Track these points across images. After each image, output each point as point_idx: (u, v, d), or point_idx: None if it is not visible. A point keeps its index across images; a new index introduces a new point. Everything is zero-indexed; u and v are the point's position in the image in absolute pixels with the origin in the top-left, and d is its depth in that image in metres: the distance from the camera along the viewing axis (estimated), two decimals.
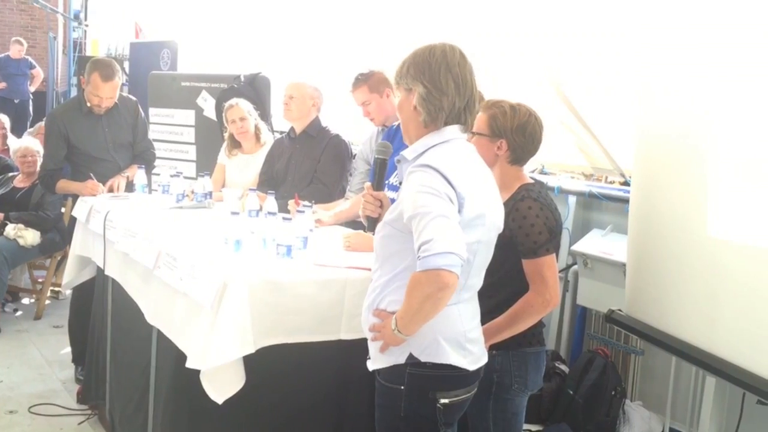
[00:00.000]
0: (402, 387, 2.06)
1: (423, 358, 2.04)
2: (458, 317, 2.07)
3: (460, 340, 2.07)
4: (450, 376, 2.06)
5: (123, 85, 5.77)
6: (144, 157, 4.40)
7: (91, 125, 4.24)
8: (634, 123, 3.04)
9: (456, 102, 2.04)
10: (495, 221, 2.13)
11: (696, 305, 2.69)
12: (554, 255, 2.38)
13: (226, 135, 4.48)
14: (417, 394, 2.06)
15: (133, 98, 4.59)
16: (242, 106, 4.33)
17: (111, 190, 4.12)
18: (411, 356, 2.05)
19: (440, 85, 2.02)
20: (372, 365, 2.15)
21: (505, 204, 2.37)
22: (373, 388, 2.20)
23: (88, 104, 4.21)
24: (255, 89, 5.56)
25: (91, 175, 4.10)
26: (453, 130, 2.06)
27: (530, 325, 2.39)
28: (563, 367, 3.86)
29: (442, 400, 2.05)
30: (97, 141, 4.25)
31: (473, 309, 2.16)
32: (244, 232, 2.79)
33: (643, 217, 2.99)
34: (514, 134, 2.38)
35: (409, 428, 2.09)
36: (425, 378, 2.05)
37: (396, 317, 2.00)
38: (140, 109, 4.49)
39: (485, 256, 2.14)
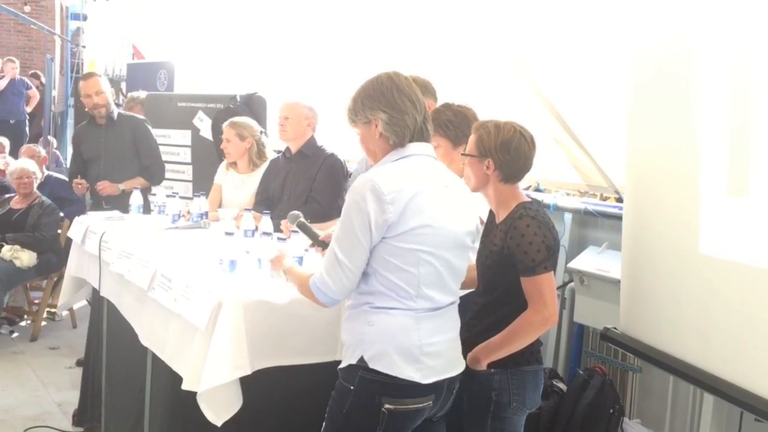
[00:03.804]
0: (352, 387, 2.13)
1: (371, 365, 2.10)
2: (414, 329, 2.11)
3: (415, 353, 2.10)
4: (398, 384, 2.10)
5: (118, 104, 5.83)
6: (148, 171, 4.87)
7: (92, 133, 4.84)
8: (625, 140, 3.05)
9: (416, 117, 2.17)
10: (453, 235, 2.17)
11: (690, 323, 2.69)
12: (552, 273, 2.38)
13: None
14: (363, 396, 2.12)
15: (139, 117, 5.06)
16: (232, 128, 4.26)
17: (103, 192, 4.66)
18: (362, 359, 2.11)
19: (398, 106, 2.15)
20: (340, 366, 2.21)
21: (503, 222, 2.40)
22: None
23: (92, 115, 4.79)
24: (251, 109, 5.57)
25: (77, 181, 4.75)
26: (415, 147, 2.17)
27: (529, 343, 2.39)
28: (561, 385, 3.83)
29: (387, 405, 2.09)
30: (92, 147, 4.82)
31: (440, 325, 2.18)
32: (239, 252, 2.79)
33: (635, 234, 2.99)
34: (499, 152, 2.39)
35: (347, 424, 2.14)
36: (374, 383, 2.10)
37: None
38: (142, 127, 4.90)
39: (438, 267, 2.15)
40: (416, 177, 2.12)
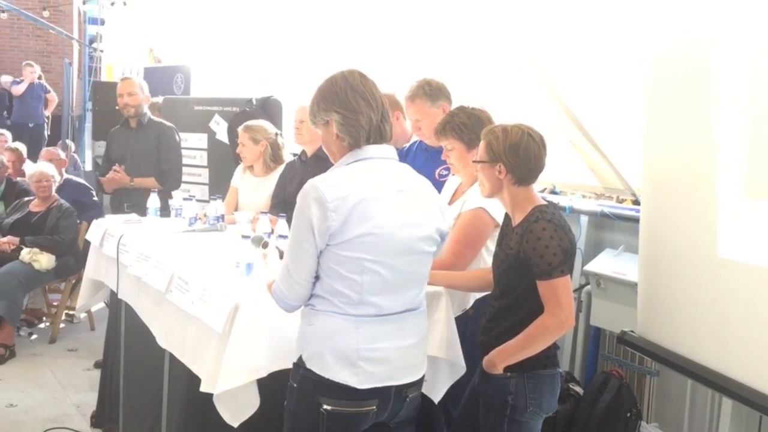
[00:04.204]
0: (295, 385, 2.14)
1: (308, 365, 2.11)
2: (353, 333, 2.08)
3: (352, 356, 2.07)
4: (333, 386, 2.08)
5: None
6: (163, 176, 4.99)
7: (122, 135, 5.14)
8: (642, 142, 3.03)
9: (372, 117, 2.12)
10: (402, 242, 2.10)
11: (707, 326, 2.67)
12: (569, 276, 2.37)
13: None
14: (304, 395, 2.12)
15: (167, 123, 5.22)
16: (245, 132, 4.30)
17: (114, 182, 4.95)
18: (300, 358, 2.13)
19: (352, 106, 2.10)
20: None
21: (519, 226, 2.40)
22: None
23: (125, 118, 5.07)
24: (267, 112, 5.60)
25: (115, 168, 4.98)
26: (373, 149, 2.13)
27: (545, 346, 2.39)
28: (578, 388, 3.81)
29: (325, 406, 2.08)
30: (120, 148, 5.11)
31: (389, 331, 2.13)
32: (255, 255, 2.80)
33: (652, 237, 2.98)
34: (508, 155, 2.39)
35: (294, 422, 2.15)
36: (312, 382, 2.10)
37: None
38: (167, 133, 5.10)
39: (385, 275, 2.09)
40: (366, 182, 2.06)
